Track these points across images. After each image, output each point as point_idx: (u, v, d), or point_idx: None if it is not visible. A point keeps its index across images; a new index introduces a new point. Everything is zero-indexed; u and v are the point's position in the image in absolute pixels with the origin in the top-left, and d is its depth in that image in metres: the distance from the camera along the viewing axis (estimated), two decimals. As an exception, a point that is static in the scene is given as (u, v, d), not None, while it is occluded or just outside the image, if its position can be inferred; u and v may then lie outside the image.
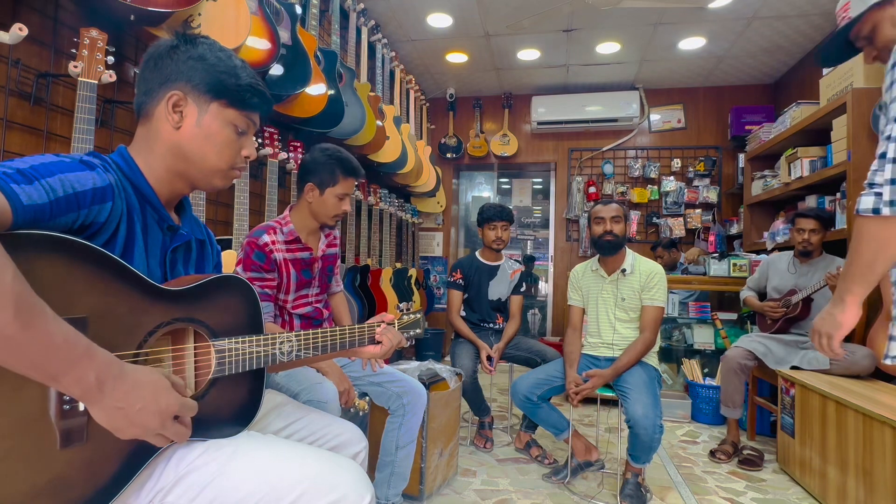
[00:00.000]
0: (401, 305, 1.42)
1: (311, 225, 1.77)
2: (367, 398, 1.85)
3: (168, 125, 0.89)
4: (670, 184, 4.73)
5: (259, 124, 1.00)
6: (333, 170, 1.70)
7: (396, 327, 1.24)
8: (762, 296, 2.91)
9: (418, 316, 1.33)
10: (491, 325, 2.85)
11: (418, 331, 1.32)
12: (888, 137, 1.00)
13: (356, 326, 1.12)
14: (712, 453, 2.71)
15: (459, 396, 2.38)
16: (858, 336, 2.61)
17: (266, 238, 1.65)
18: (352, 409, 1.71)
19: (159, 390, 0.73)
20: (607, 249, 2.28)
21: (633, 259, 2.30)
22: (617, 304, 2.29)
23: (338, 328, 1.07)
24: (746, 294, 2.99)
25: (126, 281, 0.76)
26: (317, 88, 2.43)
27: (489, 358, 2.66)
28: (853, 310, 1.15)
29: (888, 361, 1.11)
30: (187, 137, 0.89)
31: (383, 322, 1.20)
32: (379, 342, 1.19)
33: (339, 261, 1.96)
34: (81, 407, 0.70)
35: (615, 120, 4.71)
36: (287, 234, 1.70)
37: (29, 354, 0.61)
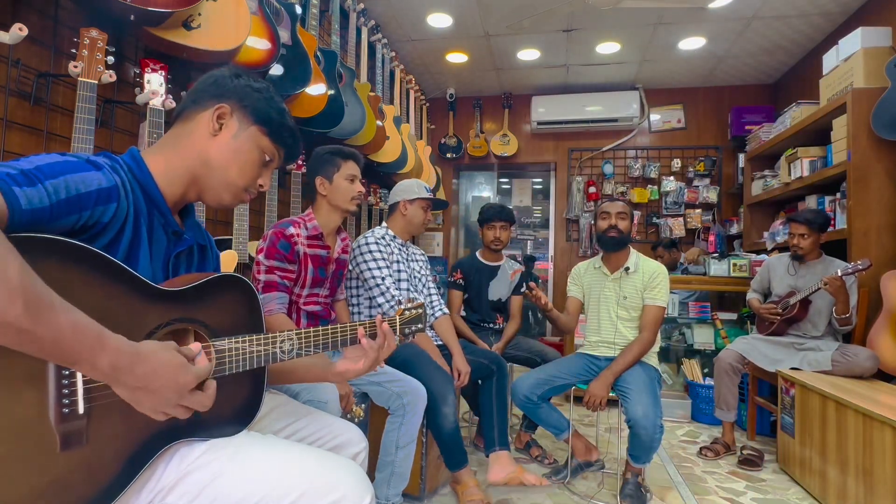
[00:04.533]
0: (402, 299, 1.42)
1: (332, 224, 1.85)
2: (364, 406, 1.85)
3: (206, 130, 0.94)
4: (670, 184, 4.72)
5: (280, 164, 1.08)
6: (332, 159, 1.84)
7: (398, 322, 1.22)
8: (766, 297, 2.92)
9: (420, 311, 1.28)
10: (491, 325, 2.85)
11: (420, 325, 1.28)
12: None
13: (357, 323, 1.11)
14: (700, 450, 2.72)
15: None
16: (858, 338, 2.61)
17: (292, 230, 1.72)
18: (348, 416, 1.70)
19: (175, 368, 0.73)
20: (611, 245, 2.28)
21: (636, 258, 2.30)
22: (619, 303, 2.29)
23: (339, 325, 1.06)
24: (751, 296, 2.99)
25: (124, 282, 0.76)
26: (317, 88, 2.42)
27: None
28: None
29: None
30: (219, 146, 0.95)
31: (364, 336, 1.09)
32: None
33: (347, 269, 2.00)
34: (81, 410, 0.71)
35: (615, 120, 4.70)
36: (311, 229, 1.77)
37: (42, 345, 0.62)
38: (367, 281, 2.09)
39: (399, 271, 2.20)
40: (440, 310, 2.36)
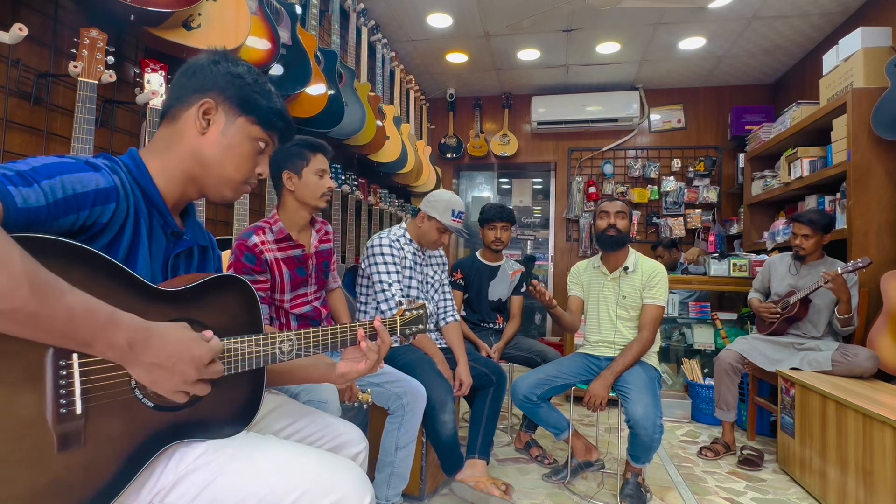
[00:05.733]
0: (402, 300, 1.40)
1: (301, 220, 1.76)
2: (369, 389, 1.84)
3: (194, 129, 0.92)
4: (670, 184, 4.73)
5: (276, 148, 1.04)
6: (300, 151, 1.72)
7: (398, 323, 1.21)
8: (767, 297, 2.92)
9: (421, 312, 1.26)
10: (491, 325, 2.85)
11: (421, 326, 1.25)
12: None
13: (357, 323, 1.11)
14: (700, 450, 2.72)
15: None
16: (858, 338, 2.61)
17: (255, 239, 1.63)
18: (356, 404, 1.69)
19: (190, 342, 0.76)
20: (610, 245, 2.27)
21: (635, 258, 2.30)
22: (618, 303, 2.29)
23: (338, 326, 1.05)
24: (752, 296, 2.99)
25: (122, 283, 0.76)
26: (317, 88, 2.42)
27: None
28: None
29: None
30: (210, 144, 0.92)
31: (364, 340, 1.08)
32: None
33: (334, 256, 1.95)
34: (78, 410, 0.71)
35: (615, 120, 4.71)
36: (277, 232, 1.68)
37: (54, 327, 0.63)
38: (375, 284, 2.08)
39: (410, 277, 2.18)
40: (452, 315, 2.36)
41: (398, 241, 2.17)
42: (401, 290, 2.09)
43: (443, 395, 1.93)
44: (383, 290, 2.06)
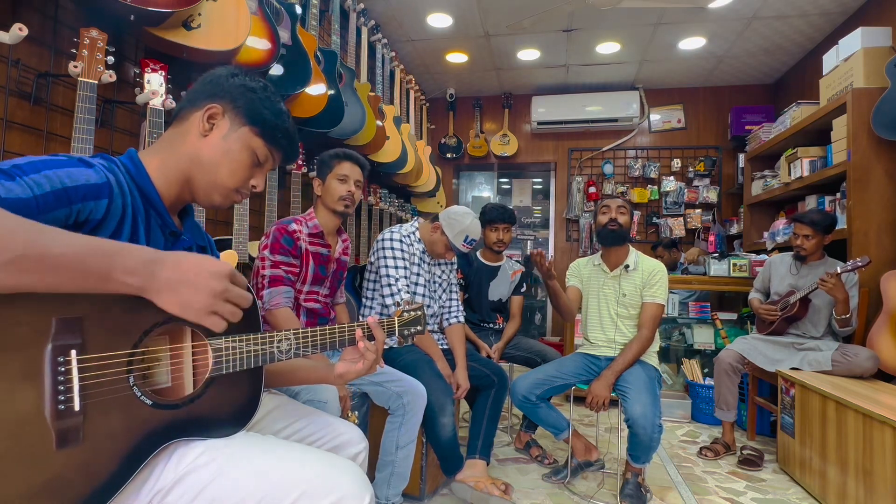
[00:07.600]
0: (401, 301, 1.42)
1: (330, 224, 1.88)
2: (357, 413, 1.85)
3: (197, 131, 0.94)
4: (670, 184, 4.72)
5: (277, 165, 1.05)
6: (329, 160, 1.87)
7: (397, 324, 1.22)
8: (768, 296, 2.92)
9: (419, 313, 1.27)
10: (491, 325, 2.85)
11: (419, 328, 1.26)
12: None
13: (355, 324, 1.11)
14: (700, 450, 2.72)
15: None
16: (858, 338, 2.60)
17: (294, 226, 1.76)
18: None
19: (203, 257, 0.77)
20: (611, 239, 2.28)
21: (636, 256, 2.30)
22: (618, 301, 2.28)
23: (337, 326, 1.06)
24: (752, 296, 2.99)
25: None
26: (317, 88, 2.43)
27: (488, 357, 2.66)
28: None
29: None
30: (209, 146, 0.94)
31: (362, 340, 1.08)
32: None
33: (346, 271, 2.01)
34: (77, 407, 0.71)
35: (615, 120, 4.71)
36: (312, 227, 1.81)
37: (67, 265, 0.64)
38: (381, 278, 2.11)
39: (418, 275, 2.20)
40: (456, 317, 2.37)
41: (409, 237, 2.20)
42: (407, 286, 2.10)
43: (442, 399, 1.94)
44: (389, 285, 2.09)
